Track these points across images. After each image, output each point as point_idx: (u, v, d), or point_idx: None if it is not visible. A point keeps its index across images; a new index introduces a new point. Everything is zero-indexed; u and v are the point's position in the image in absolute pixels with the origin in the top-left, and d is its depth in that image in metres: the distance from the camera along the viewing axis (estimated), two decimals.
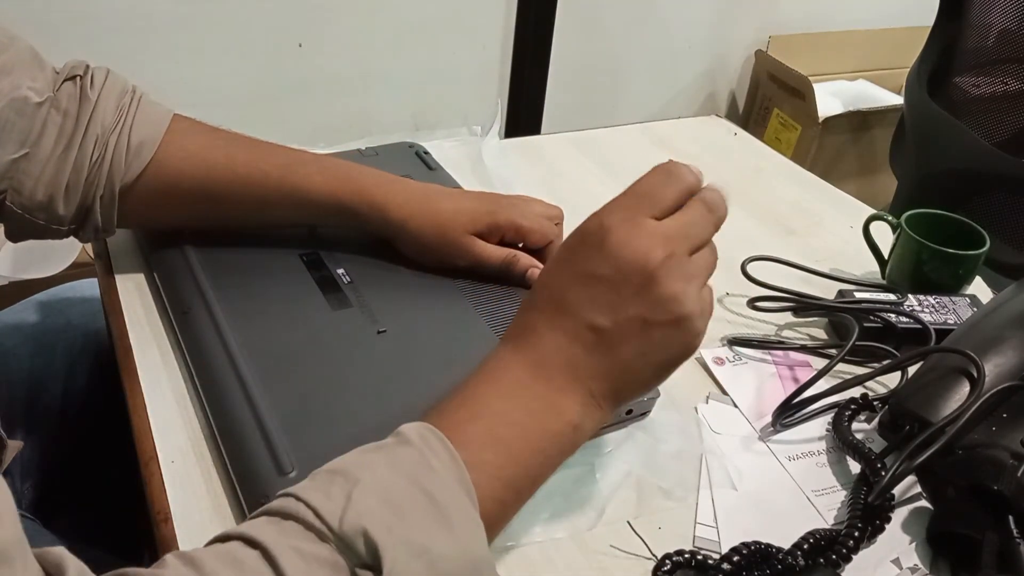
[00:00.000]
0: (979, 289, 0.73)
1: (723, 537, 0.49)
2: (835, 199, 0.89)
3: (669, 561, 0.46)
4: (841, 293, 0.69)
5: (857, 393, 0.58)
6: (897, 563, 0.49)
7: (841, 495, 0.53)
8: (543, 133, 1.55)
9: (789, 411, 0.58)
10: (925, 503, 0.53)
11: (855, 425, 0.57)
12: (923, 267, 0.70)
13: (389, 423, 0.40)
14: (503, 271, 0.62)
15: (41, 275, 1.23)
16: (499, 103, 1.75)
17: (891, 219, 0.73)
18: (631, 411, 0.54)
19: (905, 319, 0.65)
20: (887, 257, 0.74)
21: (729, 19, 1.98)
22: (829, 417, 0.58)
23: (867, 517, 0.49)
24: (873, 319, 0.65)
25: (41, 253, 1.24)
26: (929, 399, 0.55)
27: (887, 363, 0.62)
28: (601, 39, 1.86)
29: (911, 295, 0.68)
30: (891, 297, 0.68)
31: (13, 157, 0.54)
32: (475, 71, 1.74)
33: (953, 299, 0.68)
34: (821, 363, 0.61)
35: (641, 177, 0.44)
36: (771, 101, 2.02)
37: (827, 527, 0.50)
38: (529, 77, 1.71)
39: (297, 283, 0.60)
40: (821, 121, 1.86)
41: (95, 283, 0.70)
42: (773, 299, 0.68)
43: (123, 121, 0.57)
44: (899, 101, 1.51)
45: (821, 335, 0.68)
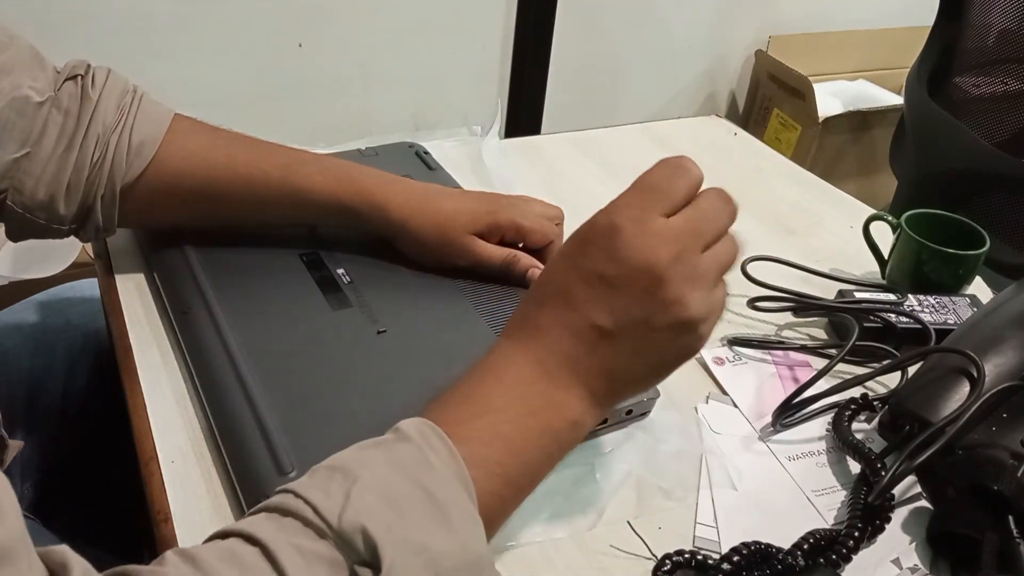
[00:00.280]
0: (979, 289, 0.73)
1: (723, 537, 0.49)
2: (835, 199, 0.89)
3: (669, 561, 0.46)
4: (841, 293, 0.69)
5: (857, 393, 0.58)
6: (897, 563, 0.49)
7: (841, 495, 0.53)
8: (543, 133, 1.55)
9: (789, 411, 0.58)
10: (925, 503, 0.53)
11: (855, 425, 0.57)
12: (923, 267, 0.70)
13: (389, 423, 0.40)
14: (503, 271, 0.62)
15: (41, 275, 1.23)
16: (499, 103, 1.76)
17: (891, 219, 0.73)
18: (631, 411, 0.54)
19: (905, 319, 0.65)
20: (887, 257, 0.74)
21: (729, 19, 1.98)
22: (829, 417, 0.58)
23: (867, 517, 0.49)
24: (873, 319, 0.65)
25: (41, 253, 1.24)
26: (929, 399, 0.55)
27: (887, 363, 0.62)
28: (601, 39, 1.86)
29: (911, 295, 0.68)
30: (891, 297, 0.68)
31: (14, 156, 0.54)
32: (475, 71, 1.74)
33: (953, 299, 0.68)
34: (821, 363, 0.61)
35: (647, 171, 0.43)
36: (771, 101, 2.02)
37: (827, 527, 0.50)
38: (529, 77, 1.71)
39: (297, 283, 0.60)
40: (821, 121, 1.86)
41: (95, 283, 0.71)
42: (773, 299, 0.68)
43: (124, 121, 0.57)
44: (899, 101, 1.51)
45: (821, 335, 0.68)
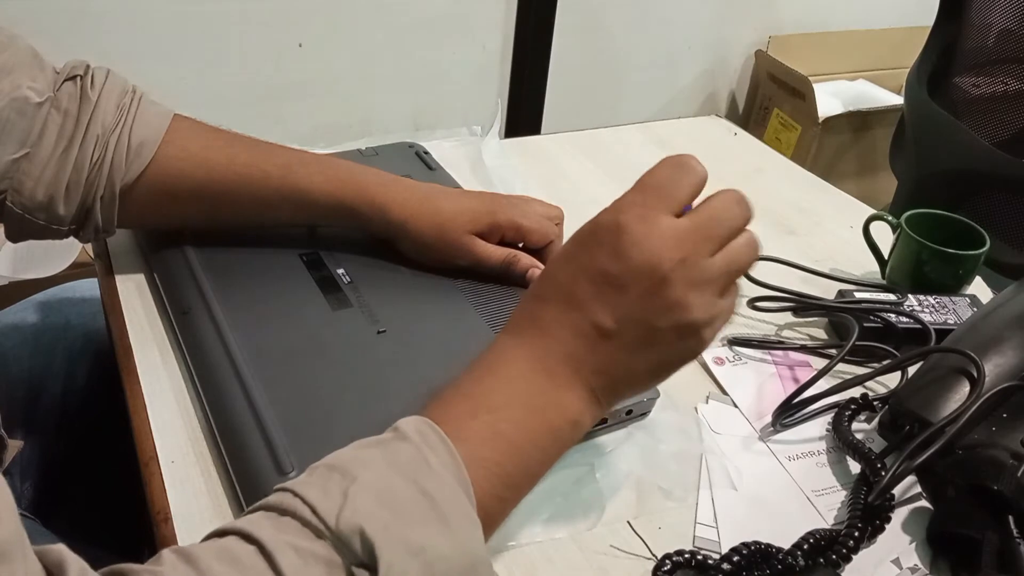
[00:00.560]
0: (979, 289, 0.73)
1: (723, 537, 0.49)
2: (835, 199, 0.89)
3: (669, 561, 0.46)
4: (841, 293, 0.69)
5: (857, 393, 0.58)
6: (897, 563, 0.49)
7: (841, 495, 0.53)
8: (543, 133, 1.55)
9: (789, 411, 0.58)
10: (925, 503, 0.53)
11: (855, 425, 0.57)
12: (923, 267, 0.70)
13: (389, 423, 0.39)
14: (503, 271, 0.62)
15: (41, 275, 1.23)
16: (499, 103, 1.76)
17: (891, 219, 0.73)
18: (631, 411, 0.54)
19: (905, 319, 0.65)
20: (887, 257, 0.74)
21: (729, 19, 1.98)
22: (829, 417, 0.58)
23: (867, 517, 0.49)
24: (873, 319, 0.65)
25: (41, 253, 1.24)
26: (929, 399, 0.55)
27: (887, 363, 0.61)
28: (601, 39, 1.86)
29: (911, 295, 0.68)
30: (891, 297, 0.67)
31: (13, 157, 0.54)
32: (475, 71, 1.74)
33: (953, 299, 0.68)
34: (821, 363, 0.61)
35: (651, 170, 0.43)
36: (771, 101, 2.02)
37: (827, 527, 0.50)
38: (529, 77, 1.71)
39: (297, 283, 0.60)
40: (821, 121, 1.86)
41: (95, 283, 0.70)
42: (773, 299, 0.68)
43: (123, 121, 0.57)
44: (899, 101, 1.51)
45: (821, 335, 0.68)
